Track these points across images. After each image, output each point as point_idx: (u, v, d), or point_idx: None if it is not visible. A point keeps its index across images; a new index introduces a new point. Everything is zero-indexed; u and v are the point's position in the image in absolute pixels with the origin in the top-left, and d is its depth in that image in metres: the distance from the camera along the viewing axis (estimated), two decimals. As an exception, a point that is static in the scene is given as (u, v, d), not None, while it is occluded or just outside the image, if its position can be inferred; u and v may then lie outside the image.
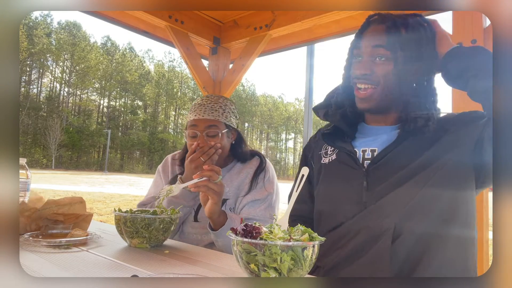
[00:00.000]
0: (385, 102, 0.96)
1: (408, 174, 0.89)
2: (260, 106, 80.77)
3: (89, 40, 64.96)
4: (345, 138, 1.04)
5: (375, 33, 0.94)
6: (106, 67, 64.75)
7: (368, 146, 0.99)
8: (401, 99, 0.96)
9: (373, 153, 0.97)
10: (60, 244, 0.94)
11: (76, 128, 59.35)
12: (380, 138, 0.99)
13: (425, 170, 0.88)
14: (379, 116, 1.03)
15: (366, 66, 0.94)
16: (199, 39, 2.53)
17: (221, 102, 1.38)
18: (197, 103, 1.38)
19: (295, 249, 0.62)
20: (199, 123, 1.33)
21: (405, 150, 0.92)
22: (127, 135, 64.38)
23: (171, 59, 73.14)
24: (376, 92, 0.94)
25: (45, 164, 51.09)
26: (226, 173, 1.39)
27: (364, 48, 0.95)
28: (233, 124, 1.40)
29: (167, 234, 1.02)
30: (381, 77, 0.93)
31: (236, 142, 1.43)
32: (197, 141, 1.31)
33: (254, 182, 1.36)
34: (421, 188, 0.87)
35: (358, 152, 1.00)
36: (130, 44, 76.11)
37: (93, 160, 59.72)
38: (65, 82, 62.53)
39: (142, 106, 69.07)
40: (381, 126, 1.02)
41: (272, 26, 2.33)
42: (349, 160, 0.99)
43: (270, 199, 1.34)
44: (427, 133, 0.91)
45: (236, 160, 1.44)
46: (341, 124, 1.05)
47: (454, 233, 0.86)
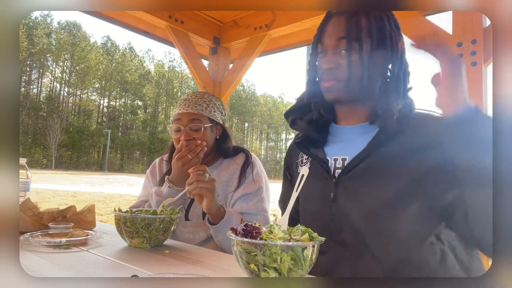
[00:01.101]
0: (353, 93, 0.90)
1: (375, 188, 0.84)
2: (260, 106, 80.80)
3: (89, 40, 64.99)
4: (317, 143, 1.00)
5: (337, 26, 0.89)
6: (106, 67, 64.77)
7: (339, 154, 0.95)
8: (369, 91, 0.90)
9: (344, 162, 0.92)
10: (60, 244, 0.94)
11: (76, 128, 59.38)
12: (352, 143, 0.94)
13: (396, 184, 0.83)
14: (349, 111, 0.97)
15: (332, 60, 0.89)
16: (199, 39, 2.53)
17: (206, 98, 1.40)
18: (182, 98, 1.41)
19: (295, 249, 0.62)
20: (182, 117, 1.34)
21: (376, 160, 0.86)
22: (127, 135, 64.39)
23: (171, 59, 73.23)
24: (342, 84, 0.89)
25: (45, 164, 51.10)
26: (213, 171, 1.40)
27: (328, 41, 0.90)
28: (218, 119, 1.41)
29: (167, 234, 1.02)
30: (347, 70, 0.87)
31: (221, 138, 1.44)
32: (181, 135, 1.32)
33: (242, 177, 1.37)
34: (388, 207, 0.82)
35: (330, 161, 0.95)
36: (130, 44, 76.15)
37: (93, 160, 59.75)
38: (65, 82, 62.54)
39: (142, 106, 69.09)
40: (352, 125, 0.97)
41: (272, 26, 2.33)
42: (322, 170, 0.95)
43: (260, 192, 1.35)
44: (399, 132, 0.86)
45: (222, 157, 1.45)
46: (310, 131, 1.01)
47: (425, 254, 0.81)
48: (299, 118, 1.05)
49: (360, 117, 0.96)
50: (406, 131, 0.86)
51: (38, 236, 1.01)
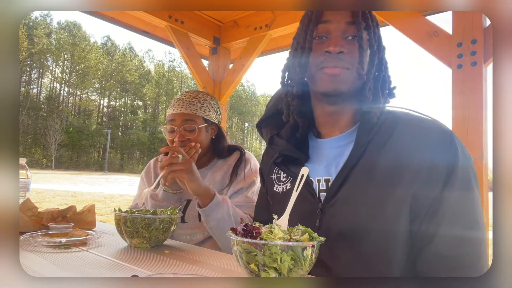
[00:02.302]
0: (357, 84, 0.82)
1: (362, 212, 0.77)
2: (260, 106, 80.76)
3: (89, 40, 65.01)
4: (298, 161, 0.90)
5: (341, 11, 0.81)
6: (106, 67, 64.79)
7: (322, 174, 0.86)
8: (364, 85, 0.83)
9: (328, 184, 0.84)
10: (60, 244, 0.94)
11: (76, 128, 59.38)
12: (336, 160, 0.86)
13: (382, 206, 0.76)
14: (335, 113, 0.88)
15: (341, 43, 0.78)
16: (199, 39, 2.53)
17: (200, 97, 1.37)
18: (176, 98, 1.38)
19: (295, 249, 0.62)
20: (176, 118, 1.32)
21: (360, 174, 0.79)
22: (127, 135, 64.39)
23: (171, 59, 73.24)
24: (350, 72, 0.80)
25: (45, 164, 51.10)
26: (208, 172, 1.39)
27: (334, 25, 0.80)
28: (213, 119, 1.39)
29: (167, 234, 1.02)
30: (359, 57, 0.80)
31: (216, 138, 1.43)
32: (175, 136, 1.30)
33: (234, 174, 1.36)
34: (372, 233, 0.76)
35: (314, 182, 0.87)
36: (130, 44, 76.11)
37: (93, 160, 59.74)
38: (65, 82, 62.55)
39: (142, 106, 69.11)
40: (334, 137, 0.89)
41: (272, 26, 2.33)
42: (306, 193, 0.85)
43: (252, 185, 1.34)
44: (380, 133, 0.80)
45: (217, 158, 1.44)
46: (291, 150, 0.91)
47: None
48: (276, 134, 0.96)
49: (345, 121, 0.88)
50: (383, 132, 0.81)
51: (38, 236, 1.01)
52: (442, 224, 0.74)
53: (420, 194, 0.74)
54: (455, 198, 0.74)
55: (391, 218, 0.75)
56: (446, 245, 0.74)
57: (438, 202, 0.74)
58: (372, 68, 0.82)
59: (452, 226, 0.74)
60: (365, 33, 0.81)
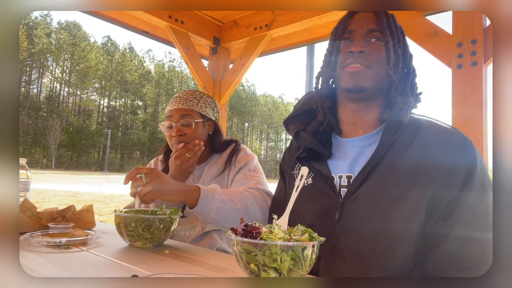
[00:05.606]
0: (377, 82, 0.88)
1: (383, 210, 0.80)
2: (260, 106, 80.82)
3: (89, 40, 65.02)
4: (321, 156, 0.95)
5: (365, 19, 0.89)
6: (106, 67, 64.80)
7: (344, 171, 0.90)
8: (387, 87, 0.90)
9: (349, 180, 0.88)
10: (60, 244, 0.94)
11: (76, 128, 59.41)
12: (358, 159, 0.90)
13: (400, 205, 0.79)
14: (360, 111, 0.92)
15: (362, 44, 0.87)
16: (199, 39, 2.53)
17: (197, 94, 1.42)
18: (174, 96, 1.43)
19: (295, 249, 0.62)
20: (173, 113, 1.36)
21: (382, 174, 0.83)
22: (127, 135, 64.40)
23: (171, 59, 73.26)
24: (370, 70, 0.87)
25: (45, 164, 51.11)
26: (205, 166, 1.43)
27: (357, 32, 0.89)
28: (209, 115, 1.42)
29: (168, 233, 1.02)
30: (378, 56, 0.87)
31: (213, 134, 1.46)
32: (172, 131, 1.34)
33: (228, 161, 1.39)
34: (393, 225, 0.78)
35: (335, 178, 0.90)
36: (130, 44, 76.09)
37: (93, 160, 59.77)
38: (65, 82, 62.55)
39: (142, 106, 69.11)
40: (357, 137, 0.93)
41: (272, 26, 2.33)
42: (327, 188, 0.89)
43: (250, 163, 1.37)
44: (404, 135, 0.84)
45: (214, 153, 1.47)
46: (315, 145, 0.95)
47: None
48: (303, 129, 1.01)
49: (369, 122, 0.92)
50: (407, 134, 0.85)
51: (38, 236, 1.01)
52: (457, 225, 0.76)
53: (439, 194, 0.77)
54: (472, 200, 0.77)
55: (408, 216, 0.78)
56: (457, 245, 0.76)
57: (455, 203, 0.77)
58: (396, 70, 0.87)
59: (466, 227, 0.76)
60: (389, 38, 0.88)
